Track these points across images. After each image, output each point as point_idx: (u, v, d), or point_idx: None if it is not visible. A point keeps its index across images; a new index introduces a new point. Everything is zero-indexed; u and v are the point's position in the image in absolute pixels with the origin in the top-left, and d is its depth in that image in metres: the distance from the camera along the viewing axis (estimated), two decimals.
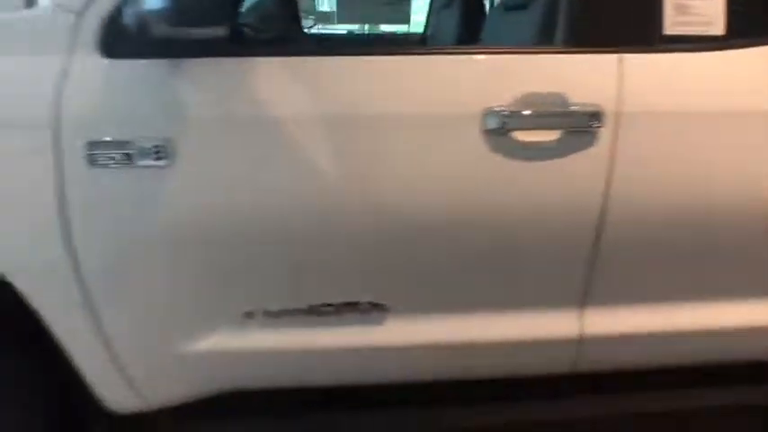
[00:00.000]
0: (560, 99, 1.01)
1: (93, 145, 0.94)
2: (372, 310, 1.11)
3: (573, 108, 1.01)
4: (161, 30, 0.91)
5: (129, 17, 0.94)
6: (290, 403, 1.24)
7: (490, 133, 1.00)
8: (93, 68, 0.95)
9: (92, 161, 0.94)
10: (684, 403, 1.31)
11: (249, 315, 1.09)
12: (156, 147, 0.95)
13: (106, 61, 0.95)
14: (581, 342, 1.18)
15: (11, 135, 0.94)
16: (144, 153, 0.94)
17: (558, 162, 1.03)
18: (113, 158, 0.94)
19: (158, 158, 0.95)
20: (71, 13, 0.95)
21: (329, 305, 1.10)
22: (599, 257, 1.10)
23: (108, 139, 0.94)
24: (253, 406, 1.22)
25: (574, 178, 1.04)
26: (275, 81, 0.98)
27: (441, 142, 1.01)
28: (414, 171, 1.01)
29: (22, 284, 0.98)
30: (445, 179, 1.02)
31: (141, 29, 0.92)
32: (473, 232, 1.05)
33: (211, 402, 1.18)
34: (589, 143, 1.02)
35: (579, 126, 1.02)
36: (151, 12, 0.90)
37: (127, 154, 0.94)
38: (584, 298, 1.15)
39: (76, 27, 0.95)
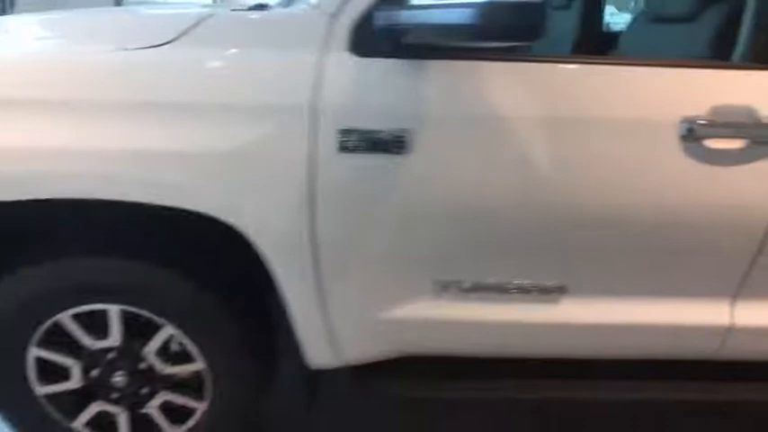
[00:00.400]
0: (750, 112, 1.12)
1: (345, 132, 1.07)
2: (554, 291, 1.25)
3: (763, 121, 1.12)
4: (409, 35, 1.03)
5: (378, 21, 1.06)
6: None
7: (685, 139, 1.12)
8: (344, 65, 1.08)
9: (342, 147, 1.07)
10: None
11: (445, 288, 1.23)
12: (397, 137, 1.08)
13: (356, 59, 1.08)
14: (729, 331, 1.30)
15: (272, 119, 1.07)
16: (386, 142, 1.08)
17: (741, 168, 1.14)
18: (360, 145, 1.08)
19: (398, 147, 1.08)
20: (326, 14, 1.08)
21: (516, 284, 1.24)
22: (761, 254, 1.22)
23: (357, 127, 1.07)
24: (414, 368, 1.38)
25: (754, 183, 1.16)
26: (505, 84, 1.10)
27: (643, 145, 1.13)
28: (617, 169, 1.14)
29: (265, 248, 1.12)
30: (644, 177, 1.14)
31: (388, 33, 1.05)
32: (659, 226, 1.17)
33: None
34: None
35: (766, 138, 1.13)
36: (401, 19, 1.03)
37: (373, 142, 1.08)
38: (738, 290, 1.28)
39: (330, 27, 1.08)
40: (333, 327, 1.24)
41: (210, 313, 1.25)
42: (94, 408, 1.36)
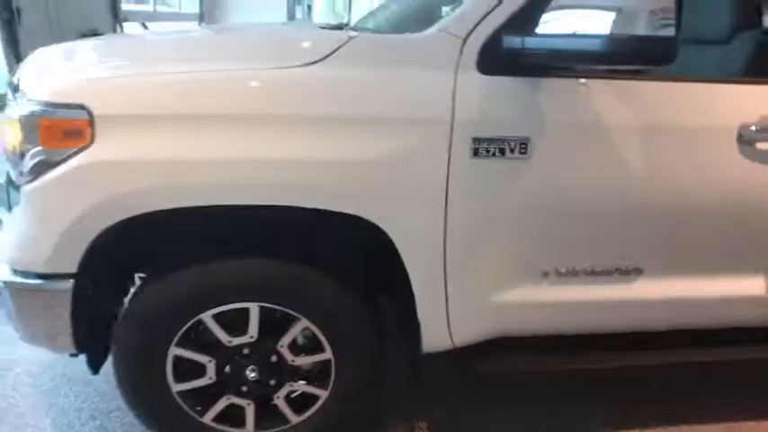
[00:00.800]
0: None
1: (477, 140, 1.25)
2: (632, 272, 1.47)
3: None
4: (532, 57, 1.23)
5: (501, 45, 1.25)
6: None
7: (742, 142, 1.37)
8: (473, 82, 1.26)
9: (474, 153, 1.25)
10: None
11: (545, 274, 1.43)
12: (521, 144, 1.27)
13: (482, 77, 1.26)
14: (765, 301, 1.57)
15: (417, 130, 1.24)
16: (511, 148, 1.26)
17: None
18: (490, 151, 1.26)
19: (521, 153, 1.27)
20: (458, 38, 1.26)
21: (601, 268, 1.45)
22: None
23: (487, 136, 1.25)
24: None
25: None
26: (606, 98, 1.31)
27: (710, 147, 1.37)
28: (688, 167, 1.37)
29: (395, 233, 1.27)
30: (710, 174, 1.38)
31: (509, 55, 1.24)
32: (720, 216, 1.42)
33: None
34: None
35: None
36: (520, 44, 1.22)
37: (500, 149, 1.26)
38: None
39: (461, 49, 1.26)
40: (450, 312, 1.40)
41: (341, 306, 1.39)
42: (224, 402, 1.46)
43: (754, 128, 1.37)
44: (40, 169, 1.18)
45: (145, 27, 4.95)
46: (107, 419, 1.71)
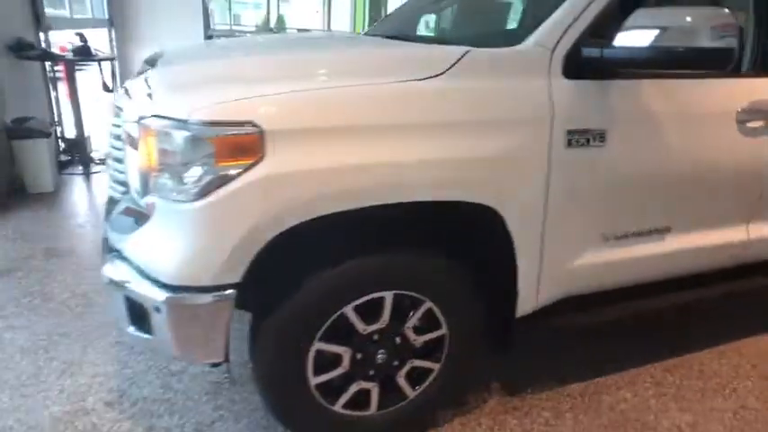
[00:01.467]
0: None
1: (570, 133, 1.51)
2: (664, 231, 1.83)
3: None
4: (601, 63, 1.51)
5: (581, 54, 1.51)
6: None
7: (737, 122, 1.78)
8: (561, 85, 1.51)
9: (568, 143, 1.51)
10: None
11: (605, 239, 1.73)
12: (600, 134, 1.54)
13: (567, 81, 1.52)
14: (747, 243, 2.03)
15: (525, 128, 1.46)
16: (594, 138, 1.54)
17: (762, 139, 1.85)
18: (579, 141, 1.52)
19: (601, 141, 1.55)
20: (547, 49, 1.49)
21: (644, 230, 1.79)
22: (761, 197, 1.96)
23: (577, 129, 1.51)
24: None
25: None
26: (657, 94, 1.63)
27: (719, 128, 1.76)
28: (706, 144, 1.75)
29: (509, 213, 1.50)
30: (717, 149, 1.78)
31: (588, 62, 1.52)
32: (723, 183, 1.83)
33: None
34: None
35: None
36: (595, 53, 1.50)
37: (587, 139, 1.53)
38: (749, 218, 2.01)
39: (550, 59, 1.50)
40: (541, 279, 1.65)
41: (456, 286, 1.58)
42: (354, 388, 1.58)
43: (747, 110, 1.79)
44: (210, 186, 1.22)
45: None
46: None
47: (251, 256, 1.27)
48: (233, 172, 1.21)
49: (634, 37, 1.53)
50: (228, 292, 1.30)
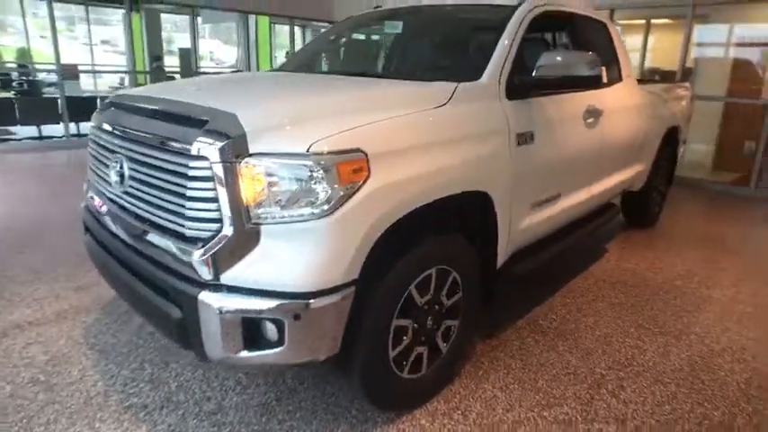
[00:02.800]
0: (595, 106, 2.84)
1: (518, 135, 2.19)
2: (558, 197, 2.67)
3: (597, 107, 2.85)
4: (528, 87, 2.25)
5: (512, 82, 2.21)
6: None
7: (585, 118, 2.73)
8: (507, 104, 2.19)
9: (518, 143, 2.19)
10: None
11: (532, 206, 2.48)
12: (531, 135, 2.26)
13: (509, 101, 2.20)
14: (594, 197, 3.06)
15: (495, 137, 2.08)
16: (529, 138, 2.25)
17: (595, 128, 2.86)
18: (522, 141, 2.22)
19: (531, 140, 2.27)
20: (497, 81, 2.15)
21: (550, 196, 2.60)
22: (599, 167, 3.00)
23: (520, 132, 2.20)
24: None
25: (602, 132, 2.89)
26: (554, 105, 2.43)
27: (576, 124, 2.67)
28: (579, 135, 2.65)
29: (494, 195, 2.11)
30: (577, 138, 2.70)
31: (517, 87, 2.23)
32: (582, 160, 2.77)
33: None
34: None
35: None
36: (525, 80, 2.23)
37: (525, 138, 2.23)
38: (593, 181, 3.03)
39: (499, 87, 2.16)
40: (508, 240, 2.30)
41: (467, 256, 2.10)
42: (414, 354, 1.96)
43: (584, 111, 2.76)
44: (338, 203, 1.50)
45: None
46: None
47: (365, 254, 1.59)
48: (352, 189, 1.53)
49: (542, 69, 2.30)
50: (351, 288, 1.59)
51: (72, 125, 8.22)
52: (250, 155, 1.52)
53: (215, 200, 1.55)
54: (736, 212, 5.50)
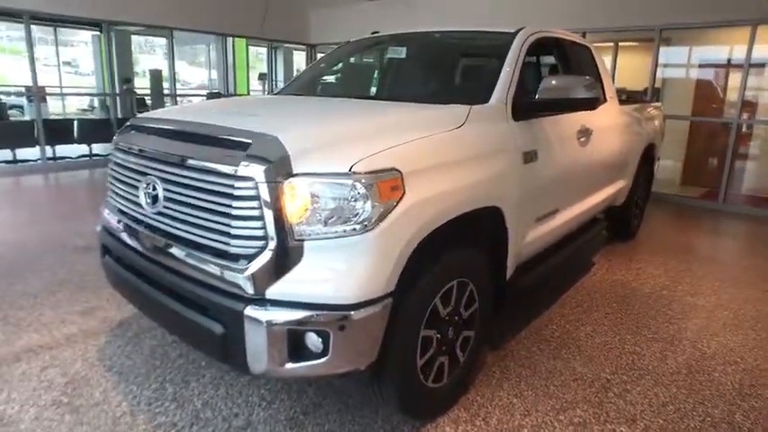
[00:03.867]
0: (586, 126, 3.04)
1: (525, 154, 2.34)
2: (556, 212, 2.83)
3: (587, 125, 3.05)
4: (530, 110, 2.41)
5: (517, 106, 2.37)
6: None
7: (579, 137, 2.92)
8: (514, 125, 2.34)
9: (524, 161, 2.33)
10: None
11: (536, 220, 2.62)
12: (535, 153, 2.42)
13: (515, 122, 2.35)
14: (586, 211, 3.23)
15: (504, 155, 2.22)
16: (533, 156, 2.40)
17: (587, 147, 3.05)
18: (528, 159, 2.37)
19: (536, 158, 2.42)
20: (503, 103, 2.30)
21: (547, 213, 2.75)
22: (590, 183, 3.19)
23: (526, 150, 2.35)
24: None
25: (592, 151, 3.09)
26: (557, 124, 2.59)
27: (572, 142, 2.85)
28: (568, 152, 2.82)
29: (505, 209, 2.24)
30: (572, 156, 2.87)
31: (522, 109, 2.39)
32: (576, 176, 2.94)
33: None
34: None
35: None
36: (528, 103, 2.39)
37: (530, 156, 2.38)
38: (585, 196, 3.21)
39: (506, 109, 2.31)
40: (516, 253, 2.43)
41: (484, 269, 2.21)
42: (437, 363, 2.04)
43: (579, 131, 2.94)
44: (379, 218, 1.59)
45: None
46: None
47: (402, 267, 1.68)
48: (390, 206, 1.62)
49: (544, 92, 2.46)
50: (389, 299, 1.67)
51: (48, 148, 8.06)
52: (294, 175, 1.60)
53: (260, 218, 1.62)
54: (707, 225, 5.82)
